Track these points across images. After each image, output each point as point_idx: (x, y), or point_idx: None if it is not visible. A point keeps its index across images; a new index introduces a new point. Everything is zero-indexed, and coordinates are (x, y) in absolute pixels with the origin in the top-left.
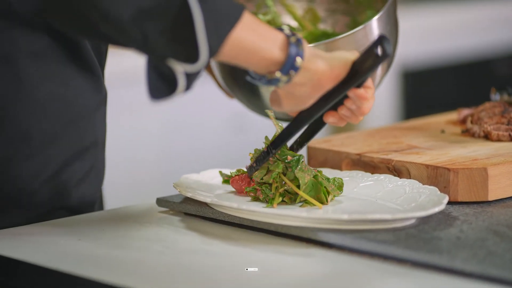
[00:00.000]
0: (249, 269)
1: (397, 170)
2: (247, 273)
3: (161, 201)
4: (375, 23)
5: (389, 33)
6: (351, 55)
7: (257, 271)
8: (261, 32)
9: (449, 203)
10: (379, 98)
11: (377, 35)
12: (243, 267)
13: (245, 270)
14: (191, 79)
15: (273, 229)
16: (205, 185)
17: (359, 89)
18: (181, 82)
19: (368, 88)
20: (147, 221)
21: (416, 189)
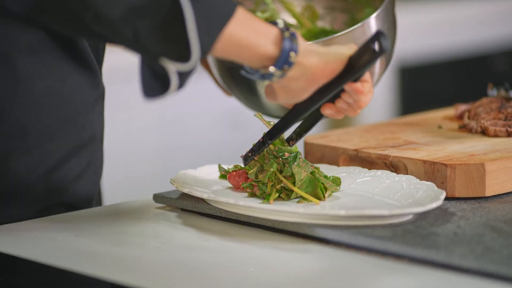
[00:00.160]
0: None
1: (394, 165)
2: (244, 269)
3: (158, 197)
4: (373, 20)
5: (387, 30)
6: (348, 49)
7: (254, 267)
8: (254, 27)
9: (446, 198)
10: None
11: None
12: (240, 263)
13: (242, 265)
14: (184, 77)
15: (270, 225)
16: (202, 181)
17: (356, 83)
18: (174, 81)
19: (365, 82)
20: (144, 217)
21: (413, 184)
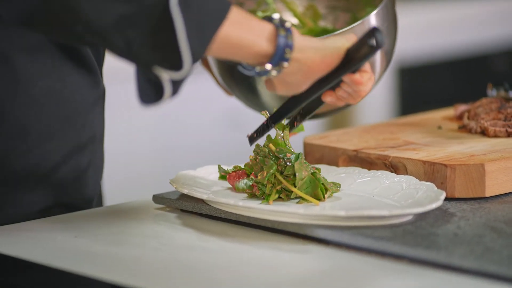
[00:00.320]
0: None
1: (394, 166)
2: (244, 269)
3: (157, 198)
4: (373, 18)
5: (387, 28)
6: (346, 42)
7: (254, 268)
8: (248, 25)
9: (446, 199)
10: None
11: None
12: (240, 263)
13: (241, 266)
14: (178, 84)
15: (269, 225)
16: (201, 182)
17: (354, 74)
18: (167, 89)
19: (364, 72)
20: (144, 217)
21: (413, 185)
